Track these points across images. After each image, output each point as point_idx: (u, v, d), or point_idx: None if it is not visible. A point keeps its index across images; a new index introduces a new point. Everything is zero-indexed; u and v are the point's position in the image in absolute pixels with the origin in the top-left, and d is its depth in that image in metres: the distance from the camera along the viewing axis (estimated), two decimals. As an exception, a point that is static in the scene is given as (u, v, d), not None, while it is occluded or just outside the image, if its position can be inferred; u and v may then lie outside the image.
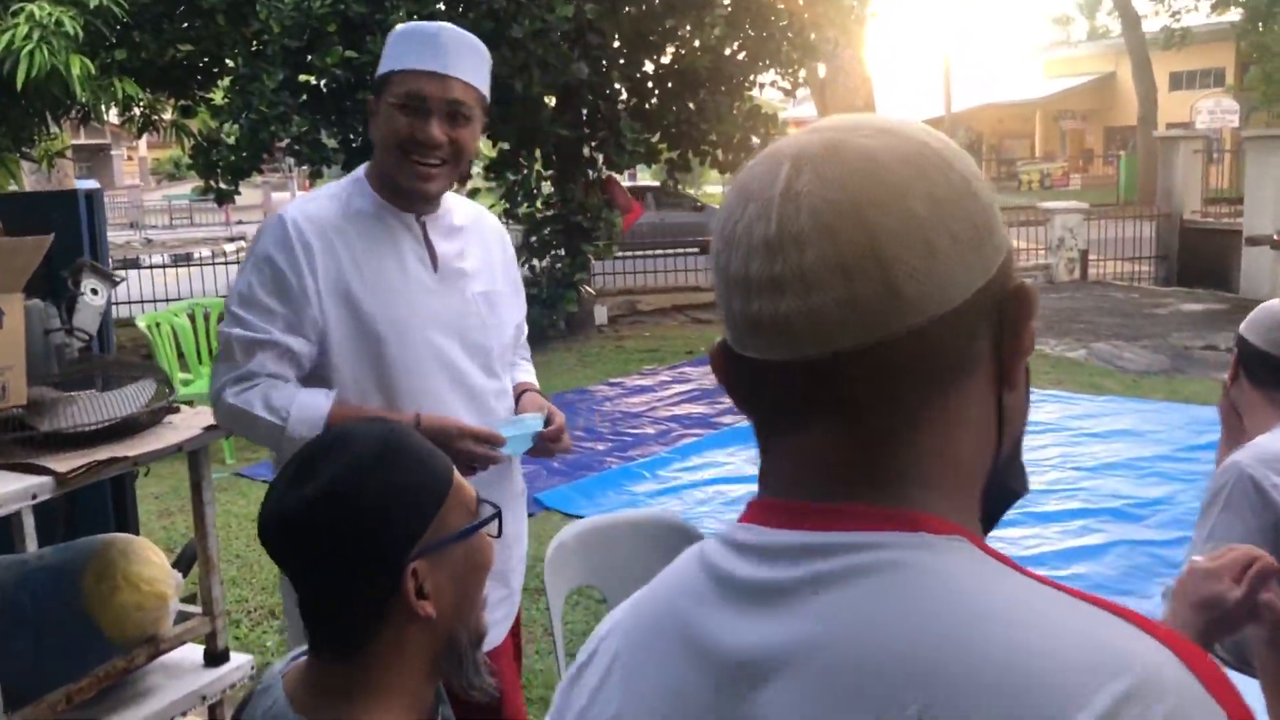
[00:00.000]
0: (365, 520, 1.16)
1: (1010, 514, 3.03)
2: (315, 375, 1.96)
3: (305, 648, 1.26)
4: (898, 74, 47.75)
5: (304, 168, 9.32)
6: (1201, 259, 13.11)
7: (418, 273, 2.01)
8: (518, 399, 2.19)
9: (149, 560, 2.08)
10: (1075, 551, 4.76)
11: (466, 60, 1.97)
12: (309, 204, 2.03)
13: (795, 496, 0.70)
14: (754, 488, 0.75)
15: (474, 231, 2.15)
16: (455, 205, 2.14)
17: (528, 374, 2.31)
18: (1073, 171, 37.64)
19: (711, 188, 32.77)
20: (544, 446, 2.08)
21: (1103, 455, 6.12)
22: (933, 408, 0.67)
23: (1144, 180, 28.21)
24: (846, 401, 0.68)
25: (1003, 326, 0.68)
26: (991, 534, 2.92)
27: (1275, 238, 10.77)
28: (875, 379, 0.66)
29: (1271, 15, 26.46)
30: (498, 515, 1.26)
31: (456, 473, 1.25)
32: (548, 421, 2.08)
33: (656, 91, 10.83)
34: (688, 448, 6.57)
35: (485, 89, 2.02)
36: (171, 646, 2.16)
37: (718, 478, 5.94)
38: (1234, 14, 29.08)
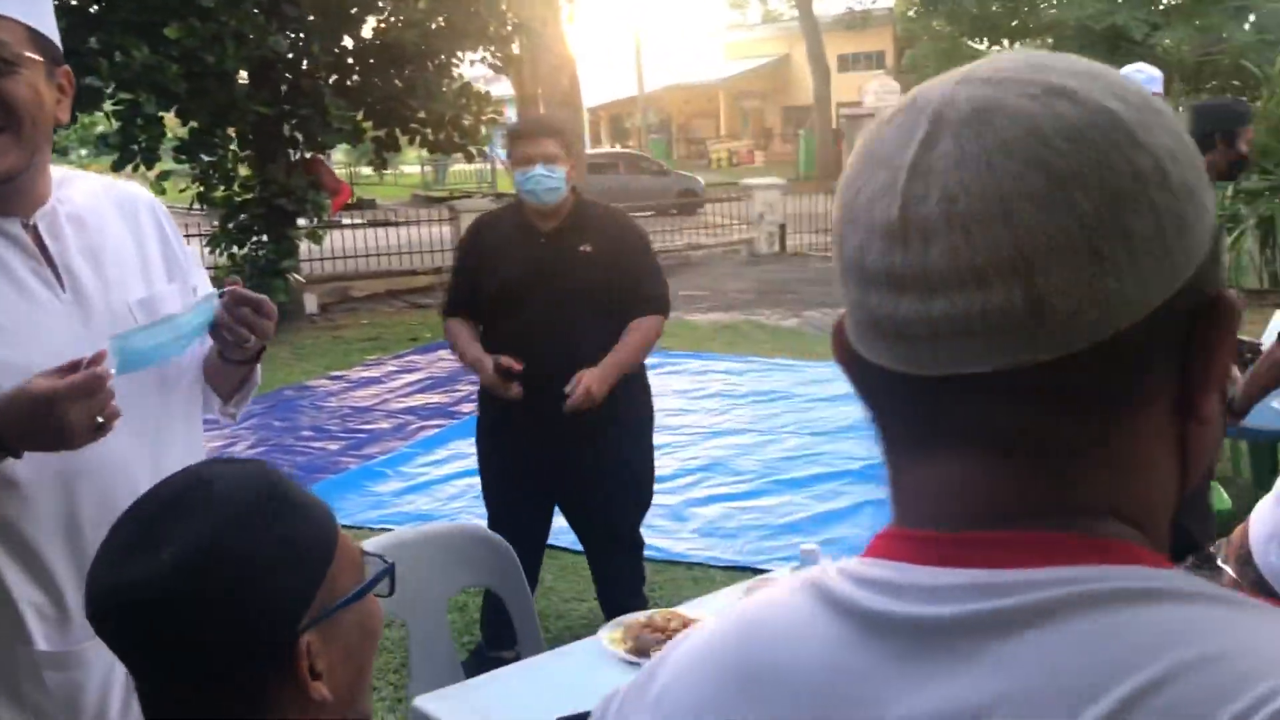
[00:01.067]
0: (246, 589, 0.89)
1: (757, 484, 3.09)
2: None
3: None
4: (589, 54, 48.43)
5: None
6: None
7: (39, 295, 1.48)
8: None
9: None
10: (828, 515, 4.91)
11: None
12: None
13: (945, 528, 0.55)
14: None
15: (108, 215, 1.59)
16: (70, 187, 1.57)
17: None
18: (756, 149, 39.67)
19: (409, 167, 31.89)
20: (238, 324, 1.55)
21: (836, 419, 6.36)
22: (1094, 439, 0.54)
23: (821, 156, 30.21)
24: (984, 428, 0.54)
25: (1192, 347, 0.54)
26: (743, 505, 2.94)
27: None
28: (1020, 404, 0.53)
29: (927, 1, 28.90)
30: (390, 571, 1.02)
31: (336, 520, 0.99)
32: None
33: (359, 67, 10.30)
34: (430, 440, 6.27)
35: (43, 25, 1.46)
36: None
37: (468, 470, 5.68)
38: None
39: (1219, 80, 12.14)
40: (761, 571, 4.36)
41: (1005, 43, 27.97)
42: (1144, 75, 4.68)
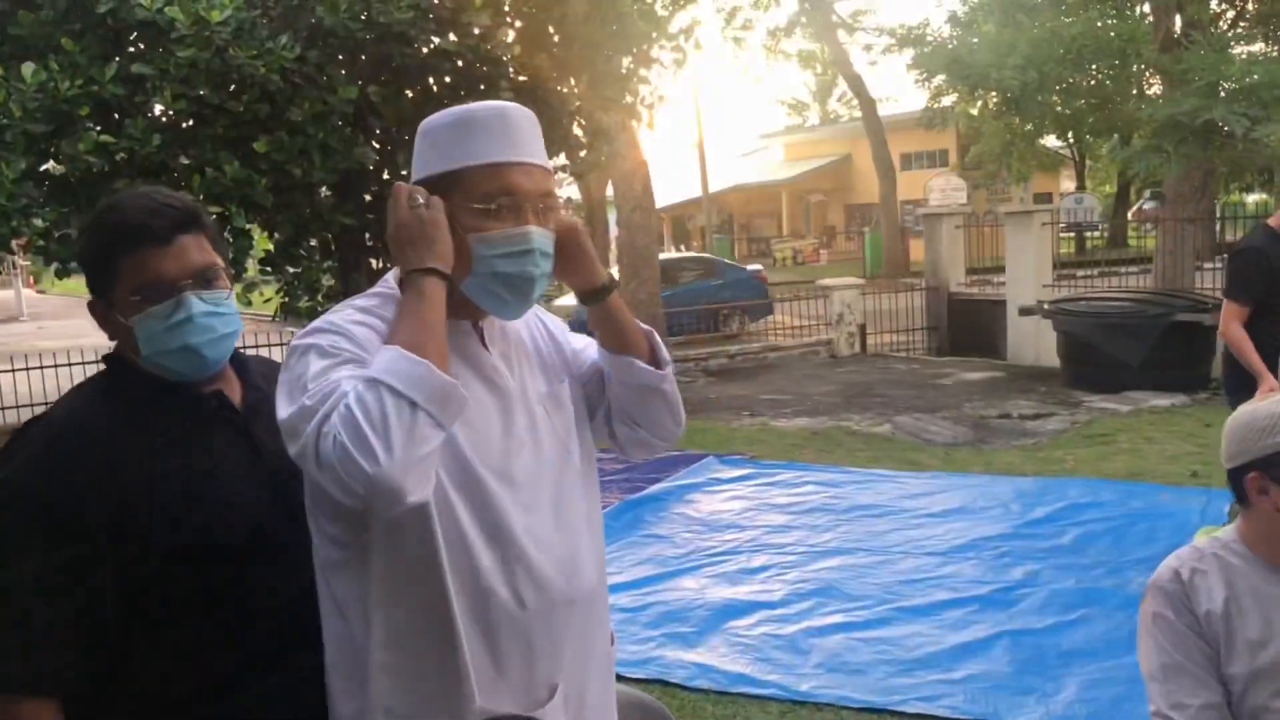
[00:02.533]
0: None
1: (880, 611, 2.73)
2: None
3: None
4: (655, 158, 49.16)
5: (50, 265, 8.20)
6: (968, 328, 13.76)
7: (497, 387, 1.71)
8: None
9: None
10: (963, 649, 4.51)
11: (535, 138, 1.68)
12: None
13: None
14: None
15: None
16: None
17: None
18: (820, 248, 39.61)
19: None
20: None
21: (949, 538, 6.00)
22: None
23: (889, 254, 30.02)
24: None
25: None
26: (867, 635, 2.57)
27: (1045, 307, 11.37)
28: None
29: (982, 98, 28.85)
30: None
31: None
32: None
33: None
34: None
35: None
36: None
37: None
38: (950, 97, 31.69)
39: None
40: (900, 715, 4.01)
41: (1089, 139, 27.79)
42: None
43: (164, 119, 8.45)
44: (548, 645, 1.62)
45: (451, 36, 9.05)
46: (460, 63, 9.11)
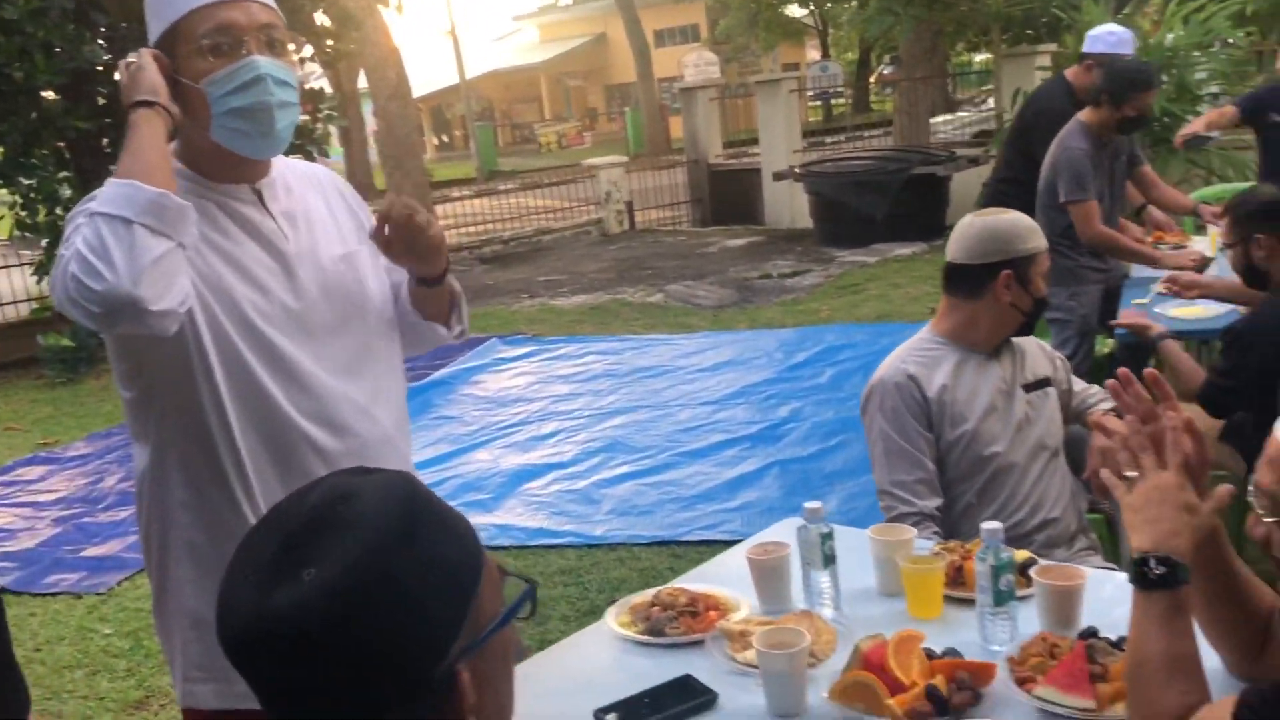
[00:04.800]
0: (398, 617, 0.83)
1: (662, 458, 3.18)
2: None
3: None
4: (407, 47, 47.21)
5: None
6: (729, 198, 14.30)
7: (276, 245, 1.79)
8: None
9: None
10: (738, 481, 4.96)
11: None
12: None
13: None
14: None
15: (304, 187, 1.87)
16: (278, 162, 1.85)
17: None
18: (583, 130, 39.63)
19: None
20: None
21: (721, 388, 6.44)
22: None
23: (649, 132, 30.41)
24: None
25: None
26: (652, 480, 3.01)
27: (797, 171, 11.97)
28: None
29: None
30: (532, 593, 0.96)
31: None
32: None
33: (180, 74, 9.78)
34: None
35: None
36: None
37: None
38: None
39: (1035, 30, 12.73)
40: (685, 544, 4.40)
41: (829, 5, 28.63)
42: (1115, 36, 4.97)
43: None
44: None
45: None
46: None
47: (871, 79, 36.88)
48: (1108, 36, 4.99)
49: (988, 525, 1.74)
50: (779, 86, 13.39)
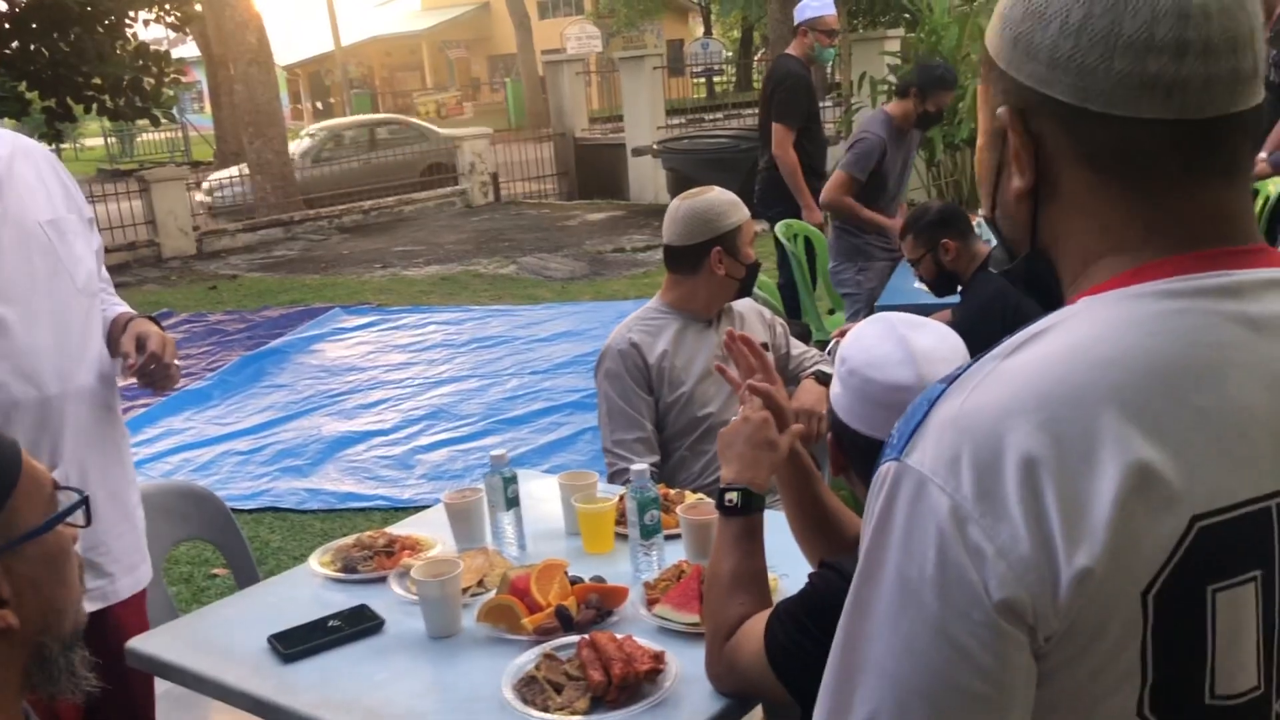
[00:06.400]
0: None
1: (481, 425, 3.41)
2: None
3: None
4: (277, 10, 46.33)
5: None
6: (596, 172, 14.46)
7: None
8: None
9: None
10: (550, 446, 5.16)
11: None
12: None
13: (1232, 243, 0.79)
14: None
15: (11, 155, 1.96)
16: None
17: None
18: (464, 100, 39.22)
19: (92, 140, 29.50)
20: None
21: (553, 357, 6.63)
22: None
23: (530, 104, 30.29)
24: (1239, 160, 0.80)
25: None
26: (468, 446, 3.24)
27: (655, 147, 12.18)
28: (1249, 140, 0.80)
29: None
30: (84, 503, 1.11)
31: (25, 453, 1.07)
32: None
33: (17, 33, 9.51)
34: (139, 419, 6.04)
35: None
36: None
37: (183, 444, 5.55)
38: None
39: (891, 14, 13.14)
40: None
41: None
42: (818, 1, 5.36)
43: None
44: (46, 437, 1.90)
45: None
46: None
47: (758, 58, 37.33)
48: (811, 2, 5.47)
49: (636, 467, 1.95)
50: (643, 63, 13.57)
